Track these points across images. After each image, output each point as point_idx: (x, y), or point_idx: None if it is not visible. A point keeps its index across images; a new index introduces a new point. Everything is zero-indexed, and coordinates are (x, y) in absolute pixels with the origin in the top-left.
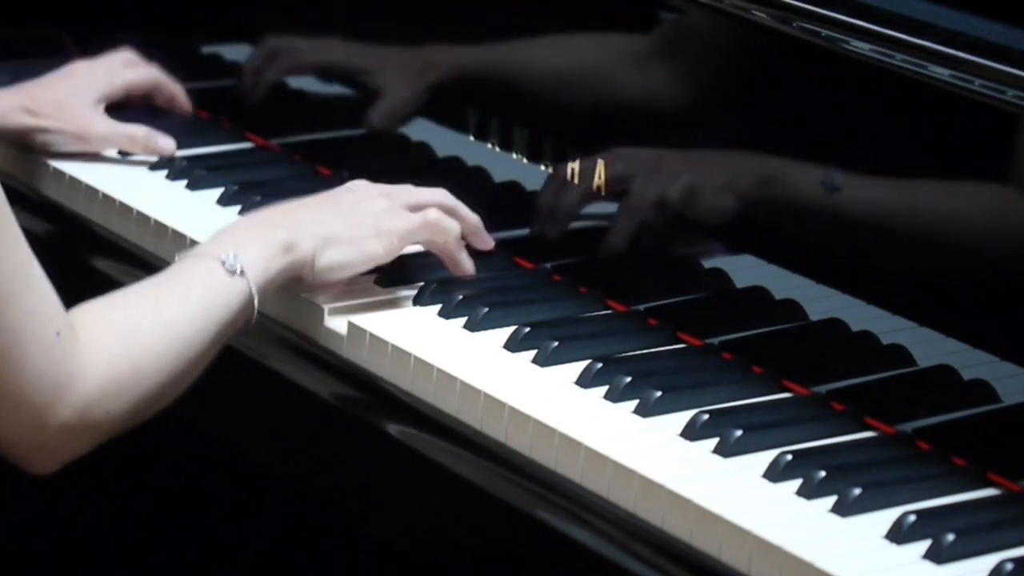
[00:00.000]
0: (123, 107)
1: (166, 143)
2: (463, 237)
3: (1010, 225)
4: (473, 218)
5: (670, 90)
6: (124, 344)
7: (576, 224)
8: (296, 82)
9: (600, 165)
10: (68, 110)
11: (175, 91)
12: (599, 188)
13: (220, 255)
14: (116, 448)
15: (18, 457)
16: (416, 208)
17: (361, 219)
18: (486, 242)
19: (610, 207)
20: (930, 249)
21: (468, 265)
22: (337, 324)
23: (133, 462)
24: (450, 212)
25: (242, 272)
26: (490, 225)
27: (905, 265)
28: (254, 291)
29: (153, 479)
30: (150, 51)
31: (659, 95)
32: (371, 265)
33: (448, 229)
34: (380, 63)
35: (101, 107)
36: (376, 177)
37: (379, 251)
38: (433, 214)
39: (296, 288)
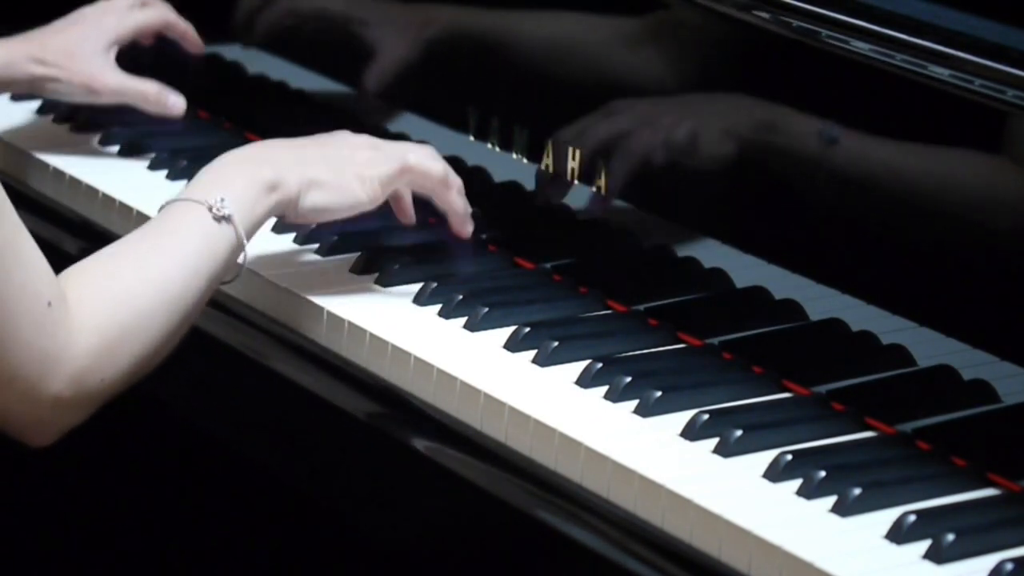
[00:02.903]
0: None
1: (176, 101)
2: (441, 210)
3: (1010, 225)
4: (455, 178)
5: (665, 85)
6: (113, 308)
7: (576, 224)
8: (296, 82)
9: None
10: (78, 59)
11: (185, 29)
12: (599, 187)
13: (207, 199)
14: (113, 447)
15: (14, 431)
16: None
17: (344, 164)
18: (463, 218)
19: (610, 203)
20: (930, 249)
21: (463, 207)
22: (337, 324)
23: (129, 459)
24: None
25: (229, 218)
26: (490, 225)
27: (905, 265)
28: (243, 237)
29: (152, 478)
30: (150, 51)
31: (653, 90)
32: (354, 211)
33: (430, 171)
34: (378, 17)
35: (112, 54)
36: None
37: (362, 197)
38: (413, 157)
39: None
